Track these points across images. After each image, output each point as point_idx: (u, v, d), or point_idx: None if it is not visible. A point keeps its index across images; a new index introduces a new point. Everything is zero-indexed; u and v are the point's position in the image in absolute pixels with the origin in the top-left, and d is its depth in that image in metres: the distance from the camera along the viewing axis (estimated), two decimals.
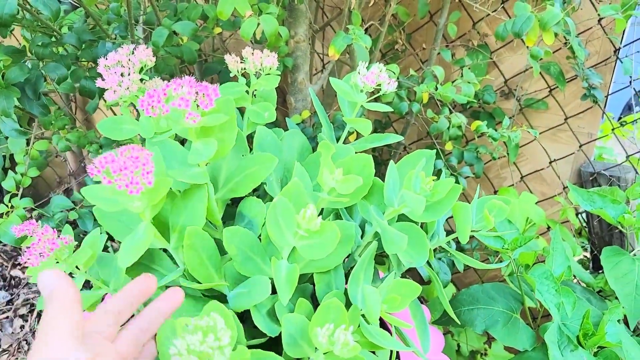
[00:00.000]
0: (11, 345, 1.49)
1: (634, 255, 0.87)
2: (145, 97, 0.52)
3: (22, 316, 1.58)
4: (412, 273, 1.43)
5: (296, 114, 1.06)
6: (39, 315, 1.58)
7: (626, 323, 0.88)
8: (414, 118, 1.22)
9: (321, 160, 0.60)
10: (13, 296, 1.64)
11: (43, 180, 1.86)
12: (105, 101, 0.89)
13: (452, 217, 0.68)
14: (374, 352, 0.67)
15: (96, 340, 0.42)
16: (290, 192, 0.58)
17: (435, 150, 0.66)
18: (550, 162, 1.27)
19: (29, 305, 1.58)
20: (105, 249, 0.67)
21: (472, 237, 1.21)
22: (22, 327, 1.54)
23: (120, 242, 0.56)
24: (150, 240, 0.51)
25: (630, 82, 1.12)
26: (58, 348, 0.37)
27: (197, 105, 0.53)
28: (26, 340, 1.51)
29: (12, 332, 1.53)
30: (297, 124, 1.05)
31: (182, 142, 0.65)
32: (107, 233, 0.62)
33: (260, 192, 0.75)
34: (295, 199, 0.58)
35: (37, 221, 0.59)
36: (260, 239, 0.61)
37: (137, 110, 0.62)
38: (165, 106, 0.52)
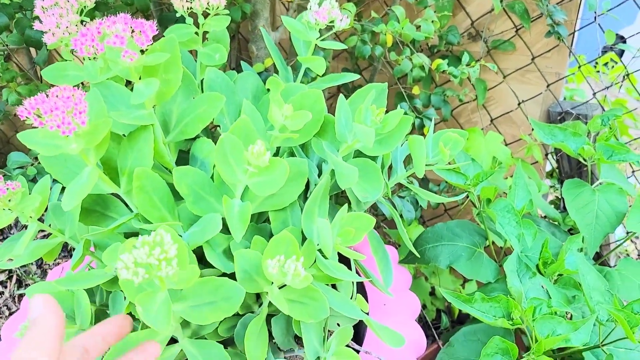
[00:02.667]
0: None
1: (596, 186, 0.88)
2: (78, 37, 0.50)
3: (1, 283, 1.58)
4: (390, 222, 1.44)
5: (259, 62, 1.04)
6: (19, 281, 1.58)
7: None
8: (381, 64, 1.20)
9: (270, 97, 0.59)
10: None
11: (15, 148, 1.83)
12: (58, 53, 0.86)
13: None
14: (334, 287, 0.68)
15: None
16: (239, 129, 0.58)
17: (386, 84, 0.66)
18: (519, 104, 1.27)
19: (7, 272, 1.58)
20: None
21: (441, 180, 1.22)
22: (1, 293, 1.55)
23: None
24: (93, 183, 0.51)
25: (595, 18, 1.12)
26: None
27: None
28: (6, 306, 1.51)
29: None
30: (259, 73, 1.03)
31: None
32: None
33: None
34: (244, 137, 0.57)
35: None
36: (213, 179, 0.60)
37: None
38: (99, 45, 0.50)
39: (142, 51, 0.52)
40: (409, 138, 0.66)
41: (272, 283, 0.55)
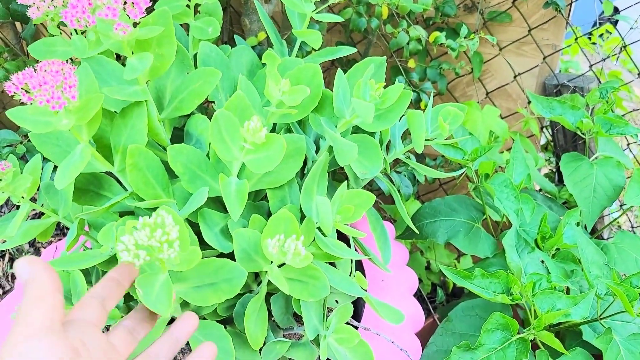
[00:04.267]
0: None
1: (594, 160, 0.87)
2: (69, 9, 0.48)
3: None
4: (385, 197, 1.43)
5: (252, 36, 1.02)
6: (11, 259, 1.57)
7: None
8: (376, 37, 1.18)
9: (267, 71, 0.58)
10: None
11: (3, 125, 1.80)
12: (46, 27, 0.84)
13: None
14: (333, 265, 0.68)
15: (83, 328, 0.39)
16: (235, 105, 0.56)
17: (384, 57, 0.64)
18: (515, 77, 1.26)
19: None
20: None
21: (437, 155, 1.21)
22: None
23: None
24: (86, 160, 0.49)
25: None
26: (29, 344, 0.35)
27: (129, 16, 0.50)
28: (0, 284, 1.50)
29: None
30: (252, 47, 1.01)
31: None
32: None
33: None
34: (240, 113, 0.56)
35: None
36: (208, 157, 0.59)
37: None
38: (91, 17, 0.49)
39: (134, 24, 0.51)
40: (408, 113, 0.65)
41: (272, 262, 0.54)
